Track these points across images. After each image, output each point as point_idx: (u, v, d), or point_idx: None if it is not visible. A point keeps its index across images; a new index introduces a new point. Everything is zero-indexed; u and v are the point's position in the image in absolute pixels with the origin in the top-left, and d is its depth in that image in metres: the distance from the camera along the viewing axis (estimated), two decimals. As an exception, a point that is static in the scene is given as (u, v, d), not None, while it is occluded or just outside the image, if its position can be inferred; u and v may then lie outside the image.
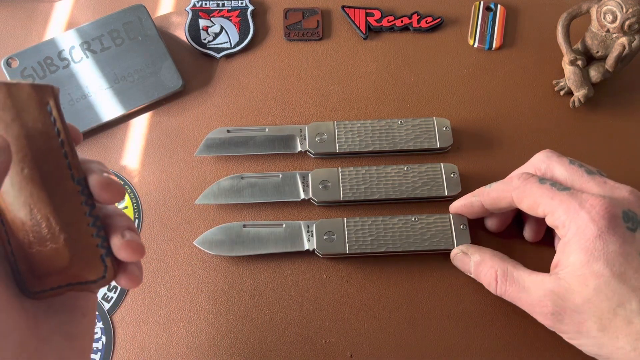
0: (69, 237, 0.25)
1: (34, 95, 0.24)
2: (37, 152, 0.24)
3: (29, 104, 0.24)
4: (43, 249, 0.25)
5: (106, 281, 0.27)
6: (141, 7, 0.48)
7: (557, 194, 0.33)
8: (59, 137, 0.25)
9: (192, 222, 0.43)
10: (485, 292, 0.39)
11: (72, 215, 0.25)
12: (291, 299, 0.41)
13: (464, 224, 0.41)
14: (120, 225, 0.27)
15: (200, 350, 0.39)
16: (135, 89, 0.47)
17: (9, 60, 0.46)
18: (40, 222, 0.24)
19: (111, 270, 0.26)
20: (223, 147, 0.45)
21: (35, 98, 0.24)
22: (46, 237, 0.25)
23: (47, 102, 0.25)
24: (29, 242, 0.25)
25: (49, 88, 0.25)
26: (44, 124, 0.25)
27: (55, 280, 0.26)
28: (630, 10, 0.41)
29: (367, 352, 0.39)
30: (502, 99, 0.48)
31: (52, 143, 0.25)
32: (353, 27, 0.51)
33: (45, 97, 0.25)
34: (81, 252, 0.26)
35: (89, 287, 0.27)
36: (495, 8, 0.51)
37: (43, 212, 0.24)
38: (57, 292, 0.26)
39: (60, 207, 0.25)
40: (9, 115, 0.24)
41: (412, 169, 0.43)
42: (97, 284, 0.27)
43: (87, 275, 0.26)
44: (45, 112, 0.25)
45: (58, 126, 0.25)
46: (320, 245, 0.41)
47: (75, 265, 0.25)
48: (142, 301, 0.41)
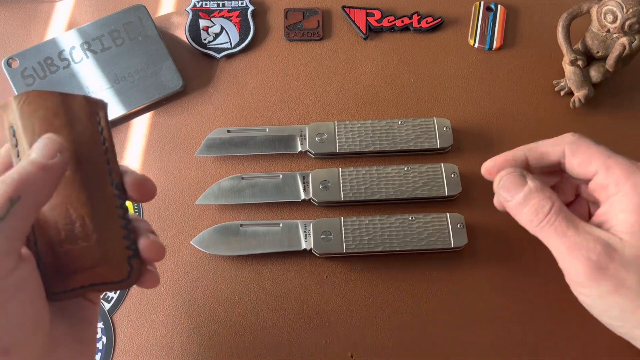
0: (101, 237, 0.26)
1: (86, 106, 0.28)
2: (82, 156, 0.27)
3: (81, 114, 0.27)
4: (73, 247, 0.26)
5: (129, 283, 0.27)
6: (141, 8, 0.48)
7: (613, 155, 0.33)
8: (103, 144, 0.28)
9: (192, 223, 0.43)
10: (485, 291, 0.39)
11: (106, 217, 0.27)
12: (291, 299, 0.41)
13: (461, 223, 0.41)
14: (145, 228, 0.29)
15: (200, 350, 0.39)
16: (136, 89, 0.47)
17: (9, 60, 0.46)
18: (75, 221, 0.26)
19: (136, 273, 0.27)
20: (223, 148, 0.45)
21: (86, 109, 0.28)
22: (78, 236, 0.26)
23: (97, 113, 0.28)
24: (59, 240, 0.26)
25: (100, 102, 0.28)
26: (91, 132, 0.27)
27: (80, 279, 0.26)
28: (630, 10, 0.41)
29: (368, 352, 0.39)
30: (502, 99, 0.48)
31: (97, 150, 0.27)
32: (353, 27, 0.51)
33: (95, 109, 0.28)
34: (110, 253, 0.26)
35: (111, 288, 0.27)
36: (496, 8, 0.51)
37: (79, 212, 0.26)
38: (79, 292, 0.27)
39: (96, 209, 0.26)
40: (60, 121, 0.26)
41: (413, 169, 0.43)
42: (120, 285, 0.27)
43: (112, 276, 0.27)
44: (94, 122, 0.28)
45: (104, 135, 0.28)
46: (318, 245, 0.41)
47: (103, 265, 0.26)
48: (143, 301, 0.41)
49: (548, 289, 0.41)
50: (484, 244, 0.42)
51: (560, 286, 0.41)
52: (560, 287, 0.41)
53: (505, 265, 0.41)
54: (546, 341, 0.39)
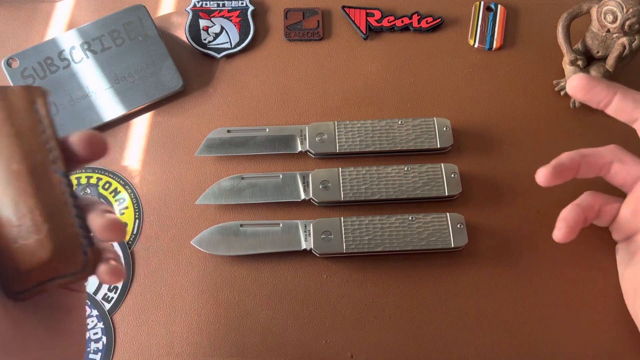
0: (52, 228, 0.26)
1: (24, 96, 0.27)
2: (24, 149, 0.26)
3: (19, 105, 0.27)
4: (27, 242, 0.25)
5: (86, 274, 0.27)
6: (141, 7, 0.48)
7: None
8: (44, 132, 0.27)
9: (192, 223, 0.43)
10: (485, 291, 0.39)
11: (55, 206, 0.26)
12: (291, 299, 0.41)
13: (461, 223, 0.41)
14: (101, 208, 0.27)
15: (200, 350, 0.39)
16: (136, 89, 0.47)
17: (9, 60, 0.46)
18: (25, 215, 0.25)
19: (91, 262, 0.27)
20: (223, 148, 0.45)
21: (24, 98, 0.27)
22: (30, 230, 0.25)
23: (35, 101, 0.27)
24: (13, 237, 0.25)
25: (39, 89, 0.28)
26: (31, 121, 0.27)
27: (37, 275, 0.26)
28: (630, 10, 0.41)
29: (368, 352, 0.39)
30: (502, 99, 0.48)
31: (39, 139, 0.27)
32: (353, 27, 0.51)
33: (33, 97, 0.27)
34: (63, 244, 0.26)
35: (69, 280, 0.27)
36: (496, 8, 0.51)
37: (28, 205, 0.25)
38: (40, 289, 0.26)
39: (44, 199, 0.26)
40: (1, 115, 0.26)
41: (413, 169, 0.43)
42: (77, 277, 0.27)
43: (68, 268, 0.27)
44: (32, 111, 0.27)
45: (44, 122, 0.27)
46: (318, 245, 0.41)
47: (57, 257, 0.26)
48: (143, 301, 0.41)
49: (548, 289, 0.41)
50: (484, 244, 0.42)
51: (560, 286, 0.41)
52: (560, 287, 0.41)
53: (505, 265, 0.41)
54: (546, 341, 0.39)
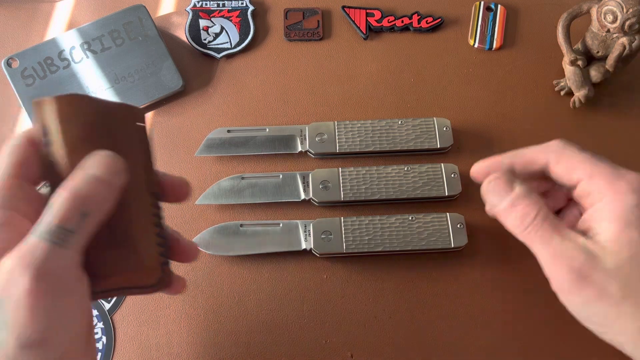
0: (139, 244, 0.26)
1: (126, 115, 0.28)
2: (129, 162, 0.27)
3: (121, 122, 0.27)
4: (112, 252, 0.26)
5: (159, 288, 0.28)
6: (141, 7, 0.48)
7: (598, 162, 0.33)
8: (142, 154, 0.28)
9: (192, 223, 0.43)
10: (485, 291, 0.39)
11: (144, 224, 0.27)
12: (291, 299, 0.41)
13: (461, 223, 0.41)
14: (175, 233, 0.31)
15: (200, 350, 0.39)
16: (136, 89, 0.47)
17: (9, 60, 0.46)
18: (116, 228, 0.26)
19: (166, 278, 0.28)
20: (223, 148, 0.45)
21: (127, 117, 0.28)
22: (118, 242, 0.26)
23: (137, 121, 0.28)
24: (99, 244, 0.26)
25: (141, 110, 0.29)
26: (131, 141, 0.28)
27: (115, 282, 0.26)
28: (630, 10, 0.41)
29: (368, 352, 0.39)
30: (502, 99, 0.48)
31: (136, 158, 0.27)
32: (353, 27, 0.51)
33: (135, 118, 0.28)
34: (146, 259, 0.27)
35: (140, 292, 0.28)
36: (496, 8, 0.51)
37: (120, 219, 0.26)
38: (111, 294, 0.27)
39: (135, 216, 0.27)
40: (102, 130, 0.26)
41: (413, 169, 0.43)
42: (148, 290, 0.28)
43: (145, 281, 0.27)
44: (133, 131, 0.28)
45: (143, 144, 0.28)
46: (318, 245, 0.41)
47: (138, 270, 0.26)
48: (143, 301, 0.41)
49: (548, 289, 0.41)
50: (484, 244, 0.42)
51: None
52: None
53: (505, 265, 0.41)
54: (546, 341, 0.39)
